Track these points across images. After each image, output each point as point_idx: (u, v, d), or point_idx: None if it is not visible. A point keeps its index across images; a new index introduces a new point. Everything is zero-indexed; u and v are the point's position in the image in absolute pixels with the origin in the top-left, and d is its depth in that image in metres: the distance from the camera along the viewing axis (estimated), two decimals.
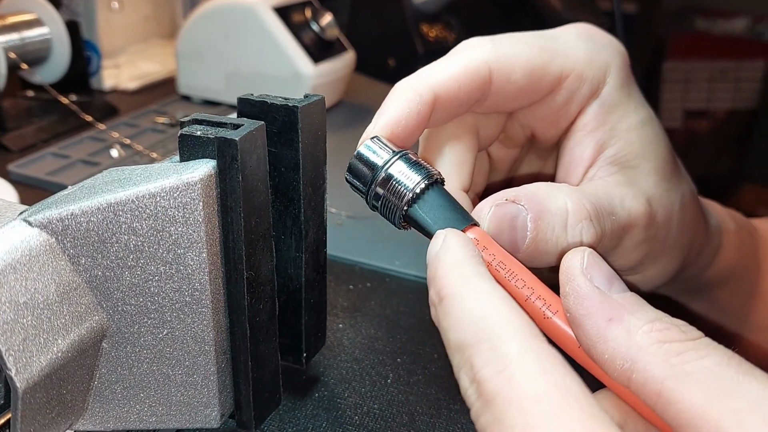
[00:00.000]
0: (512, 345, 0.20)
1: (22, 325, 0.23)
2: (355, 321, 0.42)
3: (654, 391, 0.20)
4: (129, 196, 0.25)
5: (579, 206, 0.27)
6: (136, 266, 0.25)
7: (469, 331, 0.21)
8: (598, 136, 0.31)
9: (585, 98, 0.31)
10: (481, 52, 0.29)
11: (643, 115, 0.31)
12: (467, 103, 0.29)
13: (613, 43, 0.32)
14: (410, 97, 0.28)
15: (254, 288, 0.27)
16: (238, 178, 0.25)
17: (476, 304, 0.22)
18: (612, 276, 0.23)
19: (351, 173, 0.28)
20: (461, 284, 0.23)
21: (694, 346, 0.20)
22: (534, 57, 0.29)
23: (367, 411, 0.35)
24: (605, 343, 0.22)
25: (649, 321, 0.21)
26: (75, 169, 0.61)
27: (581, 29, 0.32)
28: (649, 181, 0.30)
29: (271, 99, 0.29)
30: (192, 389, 0.27)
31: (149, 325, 0.26)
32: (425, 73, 0.29)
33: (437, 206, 0.26)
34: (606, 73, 0.31)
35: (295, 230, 0.31)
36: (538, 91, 0.30)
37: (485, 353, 0.21)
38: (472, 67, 0.28)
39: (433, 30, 0.87)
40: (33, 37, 0.70)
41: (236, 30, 0.73)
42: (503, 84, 0.29)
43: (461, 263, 0.23)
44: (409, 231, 0.27)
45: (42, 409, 0.24)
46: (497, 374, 0.20)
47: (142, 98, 0.81)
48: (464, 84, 0.28)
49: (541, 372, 0.20)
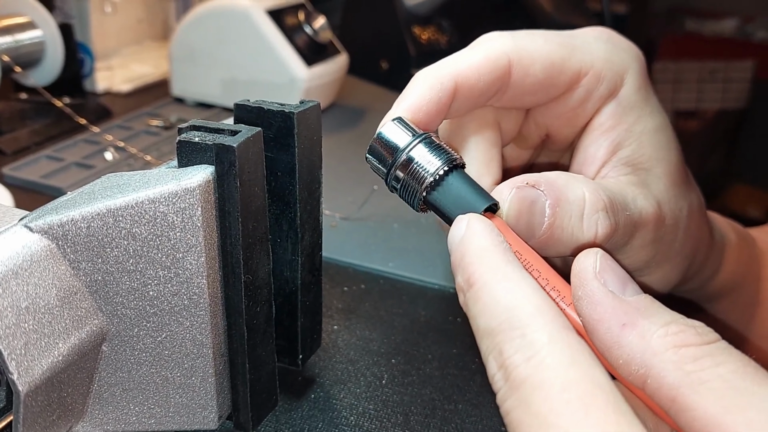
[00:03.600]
0: (542, 334, 0.20)
1: (24, 330, 0.23)
2: (349, 322, 0.42)
3: (668, 397, 0.20)
4: (128, 202, 0.25)
5: (596, 197, 0.27)
6: (135, 270, 0.26)
7: (500, 318, 0.22)
8: (614, 136, 0.31)
9: (602, 97, 0.31)
10: (501, 43, 0.29)
11: (658, 120, 0.32)
12: (487, 94, 0.29)
13: (631, 46, 0.32)
14: (432, 84, 0.28)
15: (251, 291, 0.28)
16: (236, 184, 0.26)
17: (507, 292, 0.22)
18: (625, 278, 0.23)
19: (372, 154, 0.28)
20: (492, 271, 0.23)
21: (710, 352, 0.20)
22: (553, 51, 0.29)
23: (362, 411, 0.35)
24: (620, 349, 0.21)
25: (665, 324, 0.21)
26: (69, 172, 0.61)
27: (599, 31, 0.32)
28: (659, 185, 0.31)
29: (267, 105, 0.30)
30: (190, 391, 0.28)
31: (148, 329, 0.27)
32: (447, 62, 0.29)
33: (457, 191, 0.26)
34: (624, 74, 0.31)
35: (291, 234, 0.32)
36: (556, 86, 0.30)
37: (516, 340, 0.21)
38: (492, 58, 0.29)
39: (425, 32, 0.87)
40: (26, 40, 0.70)
41: (229, 33, 0.73)
42: (522, 77, 0.29)
43: (490, 250, 0.23)
44: (404, 232, 0.28)
45: (43, 412, 0.24)
46: (526, 361, 0.20)
47: (136, 101, 0.81)
48: (484, 74, 0.28)
49: (570, 362, 0.20)
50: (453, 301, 0.45)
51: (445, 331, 0.42)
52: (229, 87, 0.75)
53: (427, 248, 0.51)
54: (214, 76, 0.76)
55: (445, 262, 0.49)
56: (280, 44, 0.71)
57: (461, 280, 0.24)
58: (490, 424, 0.35)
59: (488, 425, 0.35)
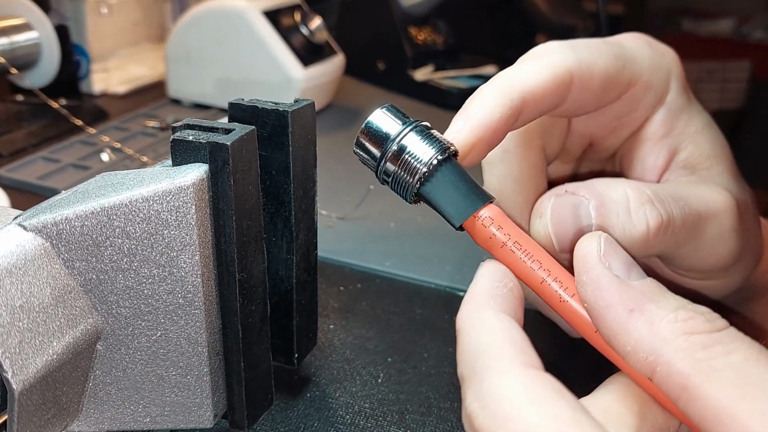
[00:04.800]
0: (499, 379, 0.20)
1: (18, 328, 0.23)
2: (346, 321, 0.42)
3: (679, 385, 0.20)
4: (122, 200, 0.25)
5: (639, 192, 0.26)
6: (129, 269, 0.26)
7: (467, 364, 0.21)
8: (669, 142, 0.30)
9: (651, 106, 0.30)
10: (564, 58, 0.28)
11: (706, 118, 0.31)
12: (546, 110, 0.28)
13: (669, 50, 0.32)
14: (502, 102, 0.27)
15: (246, 290, 0.28)
16: (230, 182, 0.26)
17: (476, 337, 0.22)
18: (630, 262, 0.23)
19: (360, 144, 0.27)
20: (470, 317, 0.23)
21: (721, 339, 0.20)
22: (610, 65, 0.29)
23: (358, 410, 0.35)
24: (627, 335, 0.21)
25: (673, 310, 0.21)
26: (66, 173, 0.61)
27: (639, 37, 0.32)
28: (723, 179, 0.30)
29: (261, 104, 0.30)
30: (185, 390, 0.28)
31: (143, 327, 0.27)
32: (514, 77, 0.28)
33: (451, 184, 0.25)
34: (669, 79, 0.31)
35: (286, 232, 0.32)
36: (608, 98, 0.30)
37: (474, 387, 0.21)
38: (558, 75, 0.28)
39: (421, 33, 0.88)
40: (22, 42, 0.70)
41: (226, 34, 0.73)
42: (581, 92, 0.28)
43: (476, 295, 0.23)
44: (400, 231, 0.27)
45: (38, 411, 0.24)
46: (482, 409, 0.20)
47: (132, 102, 0.81)
48: (549, 91, 0.27)
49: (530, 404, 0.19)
50: (449, 300, 0.45)
51: (442, 330, 0.42)
52: (226, 88, 0.75)
53: (423, 248, 0.51)
54: (210, 77, 0.76)
55: (442, 262, 0.49)
56: (276, 45, 0.71)
57: None
58: None
59: None
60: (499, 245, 0.25)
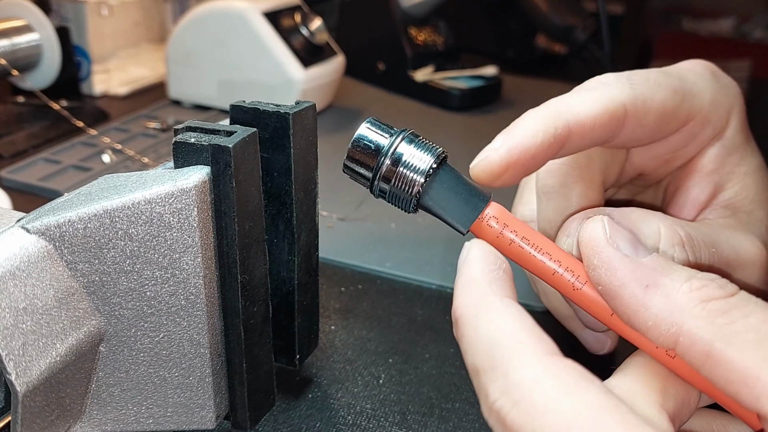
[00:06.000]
0: (526, 370, 0.20)
1: (22, 330, 0.23)
2: (347, 322, 0.43)
3: (702, 353, 0.20)
4: (125, 203, 0.25)
5: (672, 232, 0.26)
6: (132, 271, 0.26)
7: (482, 356, 0.21)
8: (716, 178, 0.30)
9: (707, 140, 0.30)
10: (619, 92, 0.27)
11: (759, 161, 0.31)
12: (596, 142, 0.28)
13: (733, 84, 0.31)
14: (546, 129, 0.26)
15: (248, 291, 0.28)
16: (232, 184, 0.26)
17: (488, 326, 0.21)
18: (635, 240, 0.23)
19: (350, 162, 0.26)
20: (474, 304, 0.22)
21: (737, 303, 0.20)
22: (667, 100, 0.28)
23: (359, 411, 0.35)
24: (647, 311, 0.21)
25: (686, 280, 0.21)
26: (67, 175, 0.61)
27: (704, 67, 0.31)
28: (761, 228, 0.29)
29: (263, 106, 0.30)
30: (188, 391, 0.28)
31: (146, 329, 0.27)
32: (562, 105, 0.27)
33: (449, 189, 0.25)
34: (729, 115, 0.30)
35: (288, 234, 0.32)
36: (664, 132, 0.29)
37: (499, 381, 0.20)
38: (611, 109, 0.27)
39: (421, 34, 0.88)
40: (23, 43, 0.71)
41: (226, 35, 0.73)
42: (635, 126, 0.28)
43: (476, 280, 0.22)
44: (401, 232, 0.27)
45: (41, 413, 0.24)
46: (515, 405, 0.19)
47: (133, 103, 0.81)
48: (600, 124, 0.27)
49: (564, 395, 0.19)
50: (450, 300, 0.45)
51: (443, 331, 0.42)
52: (226, 89, 0.76)
53: (424, 248, 0.51)
54: (210, 78, 0.76)
55: (442, 262, 0.49)
56: (276, 46, 0.71)
57: (451, 312, 0.23)
58: (486, 423, 0.35)
59: (485, 424, 0.35)
60: (507, 242, 0.25)
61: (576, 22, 0.87)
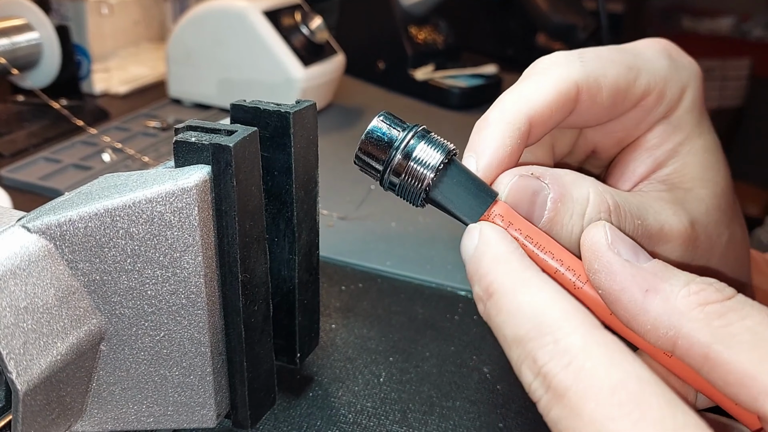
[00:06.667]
0: (575, 337, 0.20)
1: (23, 329, 0.23)
2: (347, 321, 0.43)
3: (700, 355, 0.20)
4: (126, 202, 0.25)
5: (601, 198, 0.26)
6: (133, 270, 0.26)
7: (527, 325, 0.21)
8: (658, 154, 0.30)
9: (658, 118, 0.30)
10: (570, 72, 0.27)
11: (708, 141, 0.31)
12: (553, 125, 0.28)
13: (691, 63, 0.31)
14: (510, 132, 0.26)
15: (249, 290, 0.28)
16: (233, 183, 0.26)
17: (531, 298, 0.22)
18: (635, 246, 0.23)
19: (362, 154, 0.26)
20: (512, 279, 0.22)
21: (733, 306, 0.21)
22: (621, 77, 0.28)
23: (360, 409, 0.36)
24: (646, 315, 0.22)
25: (685, 285, 0.22)
26: (67, 174, 0.61)
27: (663, 45, 0.31)
28: (699, 207, 0.29)
29: (263, 105, 0.30)
30: (189, 390, 0.28)
31: (146, 328, 0.27)
32: (517, 100, 0.27)
33: (458, 185, 0.26)
34: (682, 93, 0.30)
35: (288, 233, 0.32)
36: (619, 110, 0.29)
37: (549, 346, 0.20)
38: (563, 90, 0.27)
39: (421, 32, 0.88)
40: (23, 42, 0.71)
41: (226, 34, 0.73)
42: (589, 105, 0.28)
43: (506, 257, 0.23)
44: (401, 231, 0.27)
45: (42, 411, 0.24)
46: (565, 368, 0.20)
47: (133, 102, 0.81)
48: (556, 109, 0.27)
49: (611, 362, 0.20)
50: (450, 299, 0.46)
51: (443, 329, 0.42)
52: (226, 88, 0.76)
53: (424, 247, 0.51)
54: (211, 77, 0.76)
55: (442, 261, 0.49)
56: (276, 45, 0.71)
57: (479, 290, 0.23)
58: (487, 421, 0.35)
59: (486, 422, 0.35)
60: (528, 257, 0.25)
61: (576, 21, 0.87)
